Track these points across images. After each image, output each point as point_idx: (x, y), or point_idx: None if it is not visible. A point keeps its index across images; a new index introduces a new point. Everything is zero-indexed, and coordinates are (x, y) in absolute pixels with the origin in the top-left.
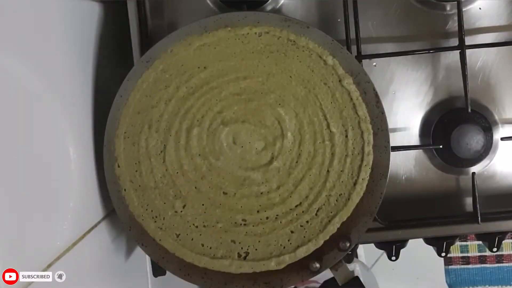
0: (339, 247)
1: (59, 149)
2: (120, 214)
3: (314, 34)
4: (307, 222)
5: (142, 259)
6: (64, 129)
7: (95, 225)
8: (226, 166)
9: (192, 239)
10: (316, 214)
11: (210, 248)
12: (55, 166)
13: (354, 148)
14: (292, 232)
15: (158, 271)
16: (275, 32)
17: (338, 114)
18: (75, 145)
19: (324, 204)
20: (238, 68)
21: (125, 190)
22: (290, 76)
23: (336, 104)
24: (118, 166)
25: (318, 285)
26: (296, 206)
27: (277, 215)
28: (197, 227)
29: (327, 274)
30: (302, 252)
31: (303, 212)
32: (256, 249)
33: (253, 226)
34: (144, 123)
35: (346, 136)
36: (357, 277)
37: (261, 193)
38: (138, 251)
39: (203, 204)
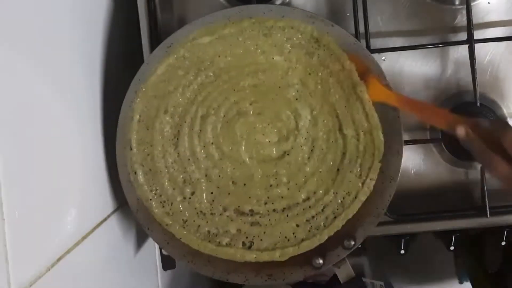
0: (343, 245)
1: (69, 144)
2: (128, 197)
3: (337, 33)
4: (313, 217)
5: (151, 253)
6: (72, 125)
7: (105, 219)
8: (238, 157)
9: (199, 226)
10: (322, 210)
11: (216, 235)
12: (65, 160)
13: (365, 151)
14: (297, 225)
15: (167, 264)
16: (299, 28)
17: (350, 118)
18: (85, 140)
19: (331, 201)
20: (258, 60)
21: (135, 173)
22: (309, 73)
23: (349, 109)
24: (131, 149)
25: (328, 278)
26: (304, 200)
27: (284, 208)
28: (204, 214)
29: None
30: (306, 246)
31: (310, 207)
32: (261, 240)
33: (259, 217)
34: (160, 108)
35: (358, 140)
36: (358, 276)
37: (271, 185)
38: (148, 245)
39: (212, 192)
